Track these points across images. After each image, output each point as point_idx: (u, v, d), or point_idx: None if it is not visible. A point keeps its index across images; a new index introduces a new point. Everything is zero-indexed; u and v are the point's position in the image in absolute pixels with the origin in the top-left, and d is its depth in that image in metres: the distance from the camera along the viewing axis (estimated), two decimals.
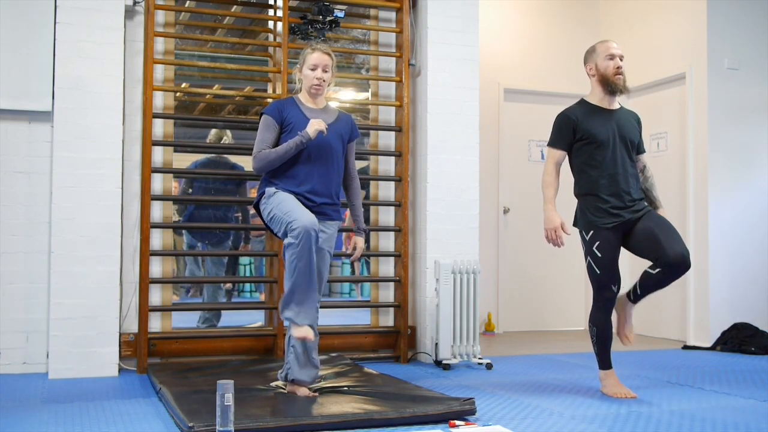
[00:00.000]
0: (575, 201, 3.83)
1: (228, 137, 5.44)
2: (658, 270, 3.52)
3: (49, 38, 4.32)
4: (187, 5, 5.23)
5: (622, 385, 3.76)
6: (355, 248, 3.75)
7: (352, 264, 7.40)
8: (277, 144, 3.52)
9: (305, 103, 3.62)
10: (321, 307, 3.56)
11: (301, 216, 3.30)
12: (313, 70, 3.56)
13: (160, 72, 4.67)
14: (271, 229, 3.54)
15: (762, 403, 3.58)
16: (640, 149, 3.85)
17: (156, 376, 3.89)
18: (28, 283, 4.32)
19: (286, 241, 3.34)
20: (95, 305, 4.26)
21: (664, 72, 6.28)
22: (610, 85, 3.75)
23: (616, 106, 3.83)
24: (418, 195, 5.06)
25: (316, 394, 3.48)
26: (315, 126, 3.44)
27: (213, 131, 5.42)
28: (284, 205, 3.38)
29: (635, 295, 3.68)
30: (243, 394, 3.33)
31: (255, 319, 5.41)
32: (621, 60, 3.75)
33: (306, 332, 3.35)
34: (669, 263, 3.47)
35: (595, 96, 3.82)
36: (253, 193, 5.16)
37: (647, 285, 3.60)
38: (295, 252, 3.26)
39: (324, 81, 3.58)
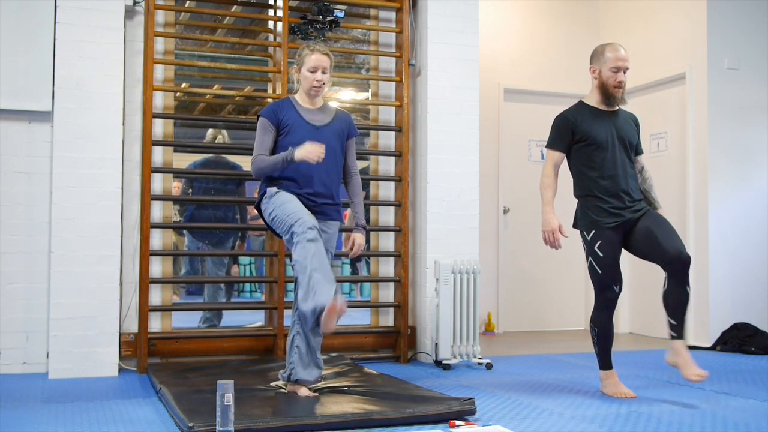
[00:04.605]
0: (574, 202, 3.83)
1: (224, 136, 5.43)
2: (666, 278, 3.52)
3: (49, 38, 4.32)
4: (187, 5, 5.23)
5: (622, 385, 3.75)
6: (353, 245, 3.66)
7: (352, 263, 7.40)
8: (274, 146, 3.52)
9: (302, 103, 3.60)
10: None
11: (304, 217, 3.29)
12: (312, 72, 3.53)
13: (160, 72, 4.67)
14: (273, 230, 3.53)
15: (762, 403, 3.58)
16: (638, 150, 3.85)
17: (156, 376, 3.89)
18: (28, 283, 4.32)
19: (290, 239, 3.32)
20: (95, 305, 4.25)
21: (664, 72, 6.27)
22: (609, 96, 3.75)
23: (614, 107, 3.83)
24: (418, 195, 5.06)
25: (317, 394, 3.47)
26: (304, 154, 3.34)
27: (209, 131, 5.42)
28: (287, 207, 3.37)
29: (673, 327, 3.55)
30: (243, 394, 3.33)
31: (255, 319, 5.41)
32: (625, 73, 3.73)
33: (338, 302, 3.14)
34: (669, 261, 3.47)
35: (593, 98, 3.82)
36: (255, 194, 5.16)
37: (671, 304, 3.52)
38: (304, 253, 3.21)
39: (323, 83, 3.56)
